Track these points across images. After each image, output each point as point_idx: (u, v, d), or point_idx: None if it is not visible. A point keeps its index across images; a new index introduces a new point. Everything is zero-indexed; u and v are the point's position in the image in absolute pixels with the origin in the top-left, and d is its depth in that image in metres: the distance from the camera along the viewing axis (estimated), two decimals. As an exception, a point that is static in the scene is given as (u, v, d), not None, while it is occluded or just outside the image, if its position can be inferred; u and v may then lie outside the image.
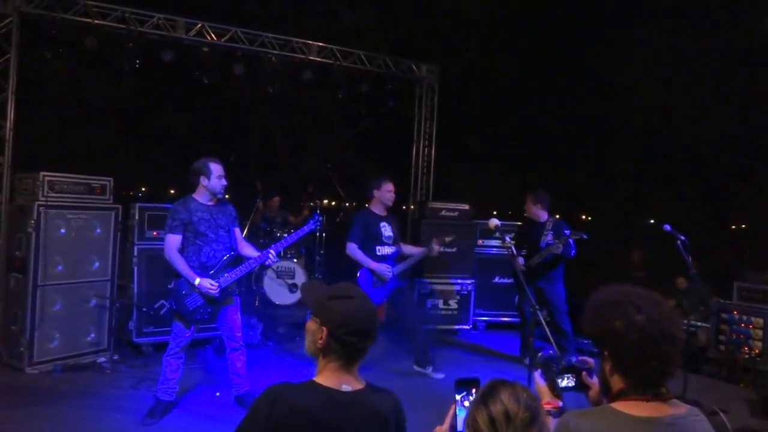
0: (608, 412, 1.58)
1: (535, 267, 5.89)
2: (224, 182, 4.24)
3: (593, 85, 14.50)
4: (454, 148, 13.97)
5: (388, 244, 5.44)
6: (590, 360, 1.89)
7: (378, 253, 5.36)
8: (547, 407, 1.86)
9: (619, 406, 1.57)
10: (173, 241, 4.10)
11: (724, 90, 12.04)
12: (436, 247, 5.50)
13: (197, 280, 4.03)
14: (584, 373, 1.88)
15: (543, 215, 6.07)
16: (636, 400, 1.56)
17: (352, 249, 5.32)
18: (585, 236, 5.55)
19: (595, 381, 1.85)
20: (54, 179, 5.18)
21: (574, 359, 1.92)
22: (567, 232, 5.68)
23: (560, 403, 1.88)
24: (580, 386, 1.88)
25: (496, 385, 1.47)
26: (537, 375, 1.95)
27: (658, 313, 1.57)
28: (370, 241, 5.36)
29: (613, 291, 1.66)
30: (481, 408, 1.43)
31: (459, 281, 7.32)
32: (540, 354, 1.97)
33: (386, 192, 5.47)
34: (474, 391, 1.66)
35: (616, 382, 1.62)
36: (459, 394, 1.66)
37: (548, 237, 5.90)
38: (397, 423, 1.85)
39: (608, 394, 1.65)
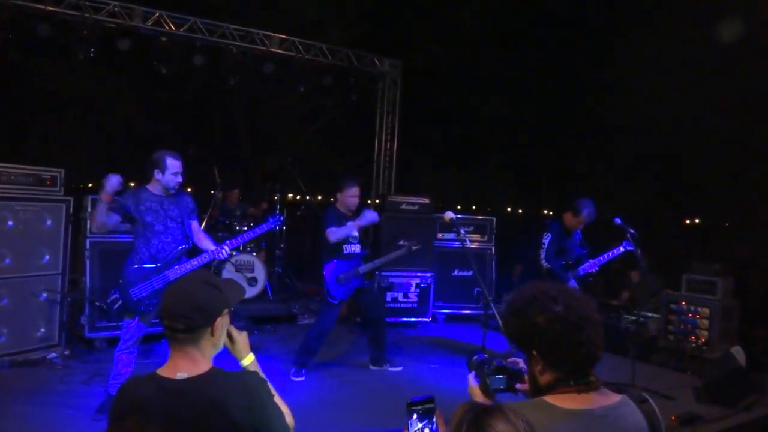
0: (541, 405, 1.56)
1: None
2: (179, 179, 4.13)
3: (554, 81, 14.75)
4: (418, 143, 14.03)
5: (354, 243, 5.40)
6: (520, 360, 1.88)
7: (345, 252, 5.32)
8: None
9: (551, 399, 1.57)
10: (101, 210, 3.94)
11: (681, 85, 12.34)
12: (403, 251, 5.70)
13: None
14: (518, 384, 1.86)
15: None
16: (566, 392, 1.56)
17: (332, 231, 5.15)
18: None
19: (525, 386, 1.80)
20: (1, 170, 5.01)
21: (504, 360, 1.93)
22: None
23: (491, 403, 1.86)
24: (511, 387, 1.88)
25: (481, 415, 1.25)
26: (471, 377, 1.93)
27: (573, 299, 1.59)
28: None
29: (527, 289, 1.67)
30: None
31: (419, 274, 7.37)
32: (474, 357, 1.96)
33: (348, 197, 5.31)
34: (430, 413, 1.45)
35: (546, 379, 1.61)
36: (411, 418, 1.45)
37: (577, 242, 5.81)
38: (247, 406, 1.75)
39: (537, 393, 1.64)
